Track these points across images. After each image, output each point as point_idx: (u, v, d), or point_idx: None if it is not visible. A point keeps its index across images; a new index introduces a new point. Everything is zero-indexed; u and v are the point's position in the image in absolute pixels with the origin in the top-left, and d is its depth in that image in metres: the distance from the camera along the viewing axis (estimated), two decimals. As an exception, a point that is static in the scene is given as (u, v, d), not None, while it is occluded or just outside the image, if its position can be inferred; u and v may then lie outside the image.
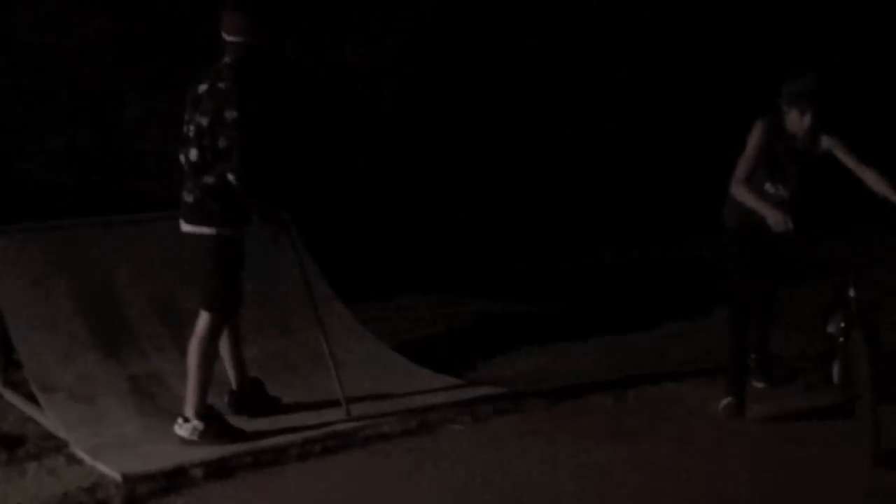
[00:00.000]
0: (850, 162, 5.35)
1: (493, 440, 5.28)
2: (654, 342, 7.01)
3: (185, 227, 5.15)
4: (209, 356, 5.18)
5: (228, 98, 4.94)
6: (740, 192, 5.28)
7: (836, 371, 5.34)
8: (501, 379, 6.18)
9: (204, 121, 4.97)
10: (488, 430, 5.41)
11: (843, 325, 5.16)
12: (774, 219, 5.04)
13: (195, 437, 5.09)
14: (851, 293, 5.07)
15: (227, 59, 5.08)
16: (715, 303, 7.09)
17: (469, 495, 4.62)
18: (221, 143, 4.94)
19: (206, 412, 5.15)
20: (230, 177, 4.98)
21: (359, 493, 4.68)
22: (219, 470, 4.85)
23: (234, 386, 5.55)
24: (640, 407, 5.78)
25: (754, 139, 5.34)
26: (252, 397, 5.56)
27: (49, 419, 5.33)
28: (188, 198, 5.10)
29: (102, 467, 4.80)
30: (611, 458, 5.01)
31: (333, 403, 5.50)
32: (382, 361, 6.32)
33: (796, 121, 5.31)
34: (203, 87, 5.05)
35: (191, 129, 5.05)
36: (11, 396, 5.81)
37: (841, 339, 5.22)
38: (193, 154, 5.04)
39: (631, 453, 5.08)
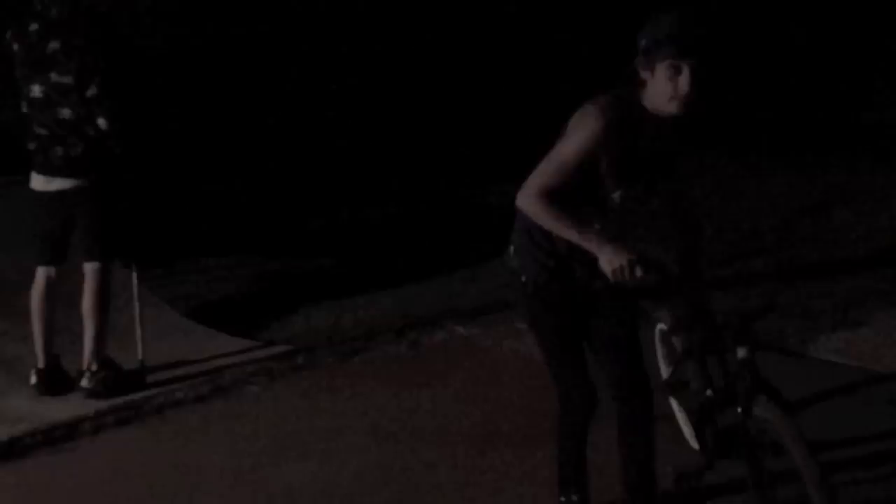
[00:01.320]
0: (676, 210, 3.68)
1: (289, 398, 5.32)
2: (446, 288, 7.15)
3: (68, 183, 5.19)
4: (106, 305, 5.32)
5: (94, 50, 5.09)
6: (544, 216, 3.23)
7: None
8: (296, 336, 6.22)
9: (67, 79, 5.05)
10: (284, 389, 5.44)
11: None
12: (613, 262, 3.07)
13: (100, 389, 5.21)
14: (742, 354, 3.29)
15: (55, 14, 5.10)
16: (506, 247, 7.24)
17: (267, 455, 4.66)
18: (91, 92, 5.05)
19: (108, 362, 5.29)
20: (104, 125, 5.09)
21: (154, 462, 4.65)
22: (9, 450, 4.75)
23: (41, 363, 5.40)
24: (434, 353, 5.91)
25: (582, 136, 3.20)
26: (56, 373, 5.44)
27: None
28: (72, 152, 5.13)
29: None
30: (404, 405, 5.14)
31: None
32: (173, 327, 6.25)
33: (664, 87, 3.13)
34: (54, 46, 5.07)
35: (48, 90, 5.08)
36: None
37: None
38: (66, 113, 5.09)
39: (423, 399, 5.20)
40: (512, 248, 3.59)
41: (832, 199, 8.74)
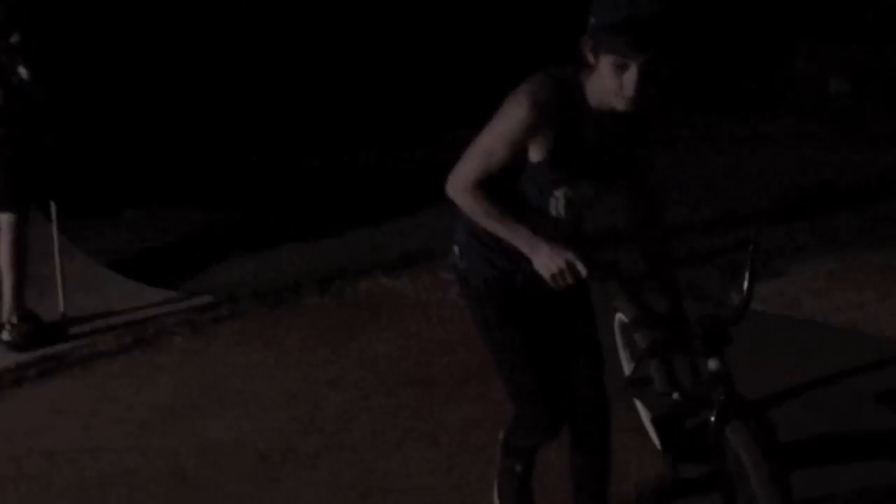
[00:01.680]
0: (641, 214, 3.16)
1: (211, 349, 5.35)
2: (371, 240, 7.19)
3: None
4: (24, 258, 5.29)
5: None
6: (472, 209, 2.87)
7: None
8: (219, 287, 6.22)
9: None
10: (207, 340, 5.46)
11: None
12: (549, 265, 2.69)
13: (21, 341, 5.22)
14: (713, 366, 2.93)
15: None
16: (437, 199, 7.26)
17: (190, 405, 4.70)
18: (14, 39, 5.04)
19: (28, 314, 5.28)
20: (25, 74, 5.08)
21: (76, 414, 4.66)
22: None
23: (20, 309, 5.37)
24: (357, 303, 5.96)
25: (506, 122, 2.78)
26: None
27: None
28: None
29: None
30: (328, 355, 5.20)
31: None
32: (95, 278, 6.22)
33: (609, 81, 2.67)
34: None
35: None
36: None
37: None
38: None
39: (346, 347, 5.26)
40: (456, 248, 3.12)
41: (752, 152, 8.92)
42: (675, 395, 3.36)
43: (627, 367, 4.02)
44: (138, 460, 4.19)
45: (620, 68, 2.62)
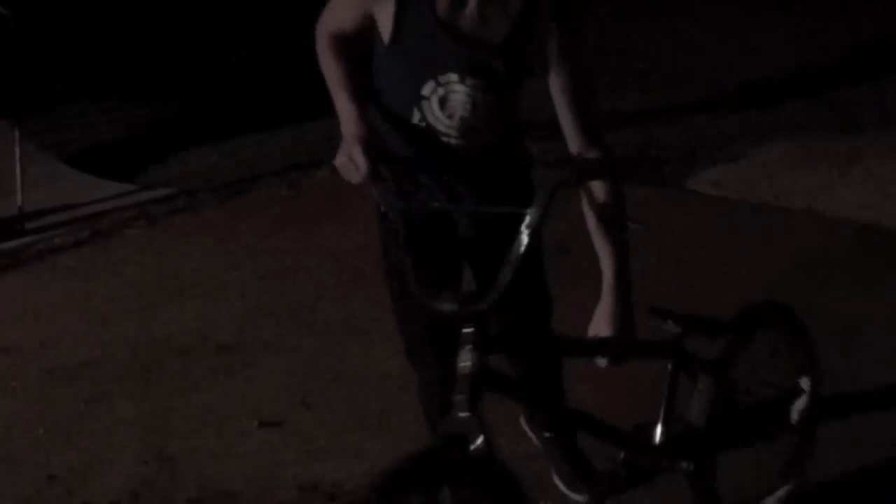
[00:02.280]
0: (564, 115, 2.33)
1: (168, 241, 5.32)
2: (326, 129, 7.10)
3: None
4: None
5: None
6: (321, 58, 2.48)
7: None
8: (174, 179, 6.18)
9: None
10: (164, 232, 5.43)
11: None
12: (338, 155, 2.29)
13: None
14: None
15: None
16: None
17: (148, 297, 4.69)
18: None
19: None
20: None
21: (34, 309, 4.64)
22: None
23: None
24: (313, 193, 5.93)
25: None
26: None
27: None
28: None
29: None
30: (286, 245, 5.18)
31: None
32: (51, 173, 6.16)
33: None
34: None
35: None
36: None
37: None
38: None
39: (304, 237, 5.25)
40: None
41: (714, 37, 8.87)
42: None
43: None
44: (99, 353, 4.19)
45: None
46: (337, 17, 2.40)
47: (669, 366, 2.57)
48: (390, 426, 3.57)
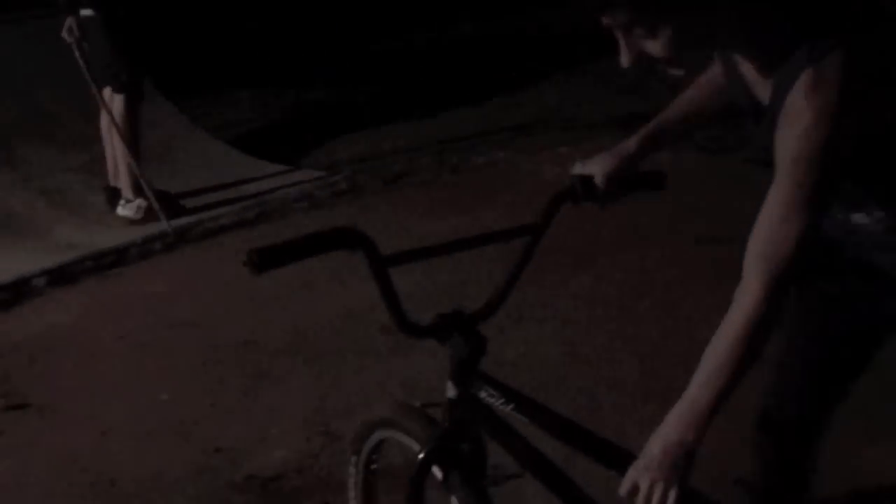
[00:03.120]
0: None
1: (331, 222, 5.33)
2: (487, 114, 7.11)
3: (87, 13, 5.21)
4: (135, 135, 5.35)
5: None
6: None
7: None
8: (337, 163, 6.25)
9: None
10: (327, 214, 5.48)
11: None
12: None
13: (140, 215, 5.35)
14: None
15: None
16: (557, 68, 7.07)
17: (311, 278, 4.72)
18: None
19: (146, 191, 5.34)
20: None
21: (202, 284, 4.75)
22: (61, 277, 4.86)
23: (112, 180, 5.47)
24: (474, 177, 5.91)
25: None
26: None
27: None
28: None
29: (-59, 285, 4.75)
30: (447, 228, 5.14)
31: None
32: (216, 155, 6.29)
33: None
34: None
35: None
36: None
37: None
38: None
39: (466, 221, 5.22)
40: None
41: None
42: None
43: None
44: (264, 331, 4.25)
45: None
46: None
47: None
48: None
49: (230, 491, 3.21)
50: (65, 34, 5.18)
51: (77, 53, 5.24)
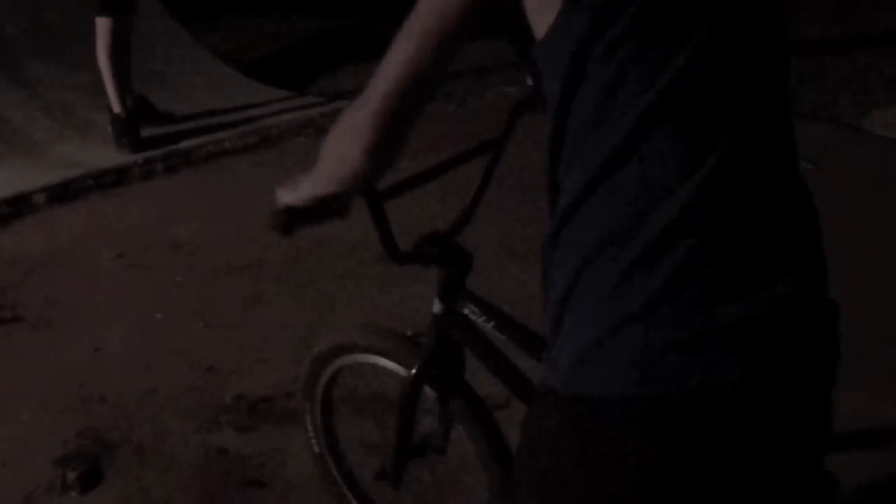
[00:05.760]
0: None
1: (335, 151, 5.34)
2: (495, 49, 7.02)
3: None
4: (119, 61, 5.21)
5: None
6: None
7: None
8: (343, 92, 6.20)
9: None
10: (330, 142, 5.47)
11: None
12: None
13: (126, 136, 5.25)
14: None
15: None
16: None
17: (312, 203, 4.73)
18: None
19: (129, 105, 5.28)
20: None
21: (202, 206, 4.74)
22: (62, 194, 4.86)
23: (115, 108, 5.35)
24: (481, 112, 5.86)
25: None
26: (138, 115, 5.42)
27: None
28: None
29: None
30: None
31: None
32: (221, 79, 6.25)
33: None
34: None
35: None
36: None
37: None
38: None
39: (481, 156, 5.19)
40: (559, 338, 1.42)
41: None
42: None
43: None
44: (261, 254, 4.25)
45: None
46: None
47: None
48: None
49: (219, 410, 3.23)
50: None
51: None
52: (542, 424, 1.41)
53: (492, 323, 1.97)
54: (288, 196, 1.75)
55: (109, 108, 5.28)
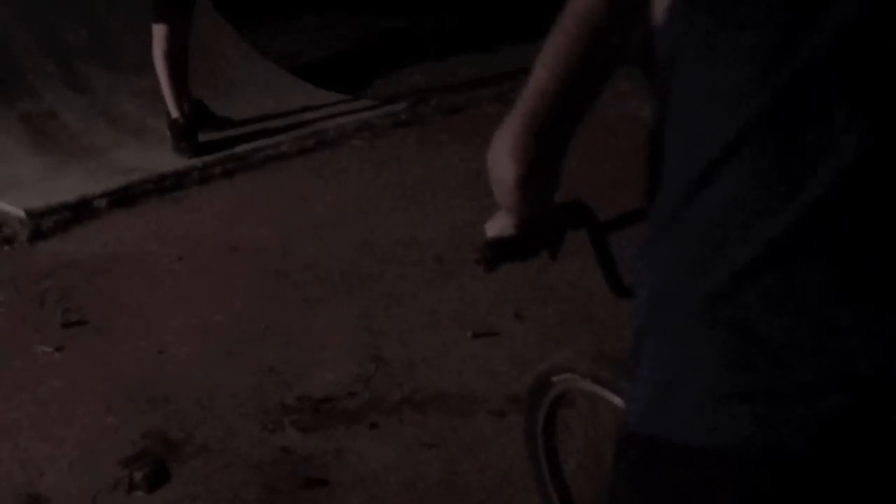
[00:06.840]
0: None
1: (391, 152, 5.36)
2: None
3: None
4: (176, 67, 5.26)
5: None
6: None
7: None
8: (398, 94, 6.21)
9: None
10: (387, 144, 5.49)
11: None
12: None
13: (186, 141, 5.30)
14: None
15: None
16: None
17: (369, 206, 4.74)
18: None
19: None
20: None
21: (261, 209, 4.77)
22: (122, 199, 4.90)
23: (173, 113, 5.39)
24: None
25: None
26: (195, 120, 5.46)
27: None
28: None
29: (4, 206, 4.79)
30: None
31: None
32: (276, 82, 6.28)
33: None
34: None
35: None
36: None
37: None
38: None
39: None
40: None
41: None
42: None
43: None
44: (321, 257, 4.27)
45: None
46: None
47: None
48: (602, 345, 3.48)
49: (282, 410, 3.25)
50: None
51: None
52: (620, 461, 1.34)
53: None
54: (491, 230, 1.60)
55: (167, 114, 5.34)
